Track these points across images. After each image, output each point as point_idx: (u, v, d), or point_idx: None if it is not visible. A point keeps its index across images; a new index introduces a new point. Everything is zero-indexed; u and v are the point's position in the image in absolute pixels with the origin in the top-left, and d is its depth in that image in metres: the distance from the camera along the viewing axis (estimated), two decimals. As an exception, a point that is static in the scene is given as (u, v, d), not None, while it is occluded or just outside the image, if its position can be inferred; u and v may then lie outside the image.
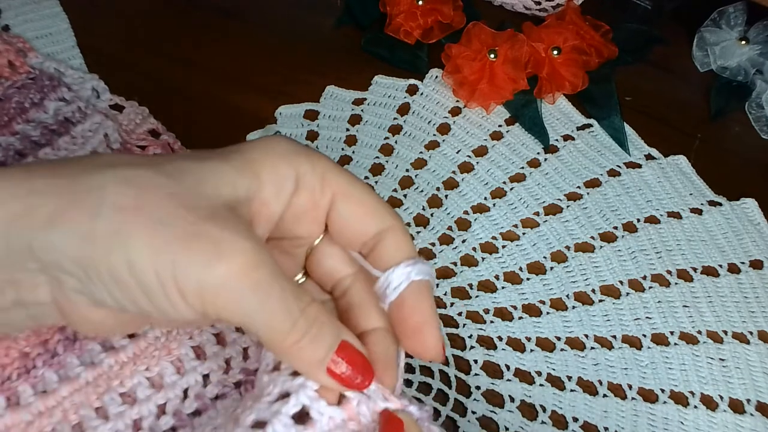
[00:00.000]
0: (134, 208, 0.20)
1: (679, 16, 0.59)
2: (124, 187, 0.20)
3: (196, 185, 0.21)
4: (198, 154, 0.23)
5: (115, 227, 0.20)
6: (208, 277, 0.20)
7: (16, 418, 0.28)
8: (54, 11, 0.51)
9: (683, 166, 0.48)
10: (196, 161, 0.22)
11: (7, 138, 0.40)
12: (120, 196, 0.20)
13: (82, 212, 0.20)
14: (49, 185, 0.21)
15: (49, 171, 0.21)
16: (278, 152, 0.24)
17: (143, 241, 0.20)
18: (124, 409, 0.30)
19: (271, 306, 0.21)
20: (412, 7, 0.51)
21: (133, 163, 0.22)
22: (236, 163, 0.23)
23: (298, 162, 0.24)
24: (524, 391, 0.37)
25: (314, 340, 0.22)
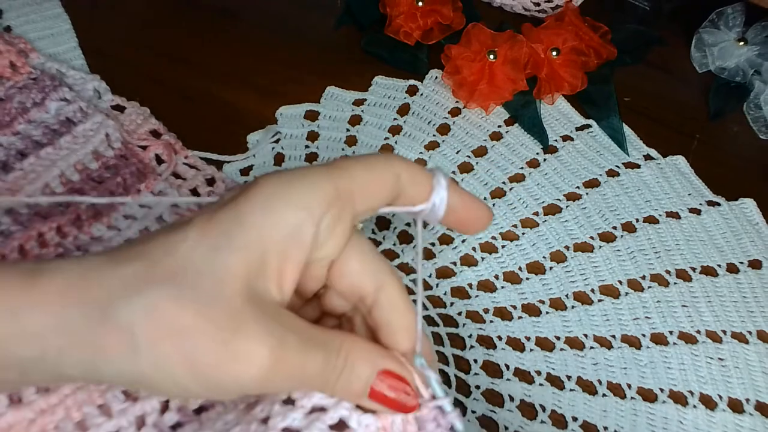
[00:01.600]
0: (167, 340, 0.22)
1: (677, 17, 0.59)
2: (152, 320, 0.22)
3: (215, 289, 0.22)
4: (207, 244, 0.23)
5: (154, 363, 0.22)
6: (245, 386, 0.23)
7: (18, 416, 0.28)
8: (55, 12, 0.51)
9: (682, 167, 0.48)
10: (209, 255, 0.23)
11: (8, 138, 0.40)
12: (150, 330, 0.22)
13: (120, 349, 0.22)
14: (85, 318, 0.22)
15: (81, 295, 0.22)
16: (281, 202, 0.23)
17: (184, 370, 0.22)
18: (127, 406, 0.30)
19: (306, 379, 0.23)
20: (411, 8, 0.52)
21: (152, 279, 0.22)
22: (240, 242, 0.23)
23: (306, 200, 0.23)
24: (524, 391, 0.37)
25: (351, 375, 0.24)
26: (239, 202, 0.23)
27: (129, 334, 0.22)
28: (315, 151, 0.46)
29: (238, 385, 0.22)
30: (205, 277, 0.22)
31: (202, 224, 0.23)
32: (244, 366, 0.22)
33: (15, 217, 0.36)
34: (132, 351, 0.22)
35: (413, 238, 0.42)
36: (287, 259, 0.23)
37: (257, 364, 0.22)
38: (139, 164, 0.41)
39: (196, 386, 0.22)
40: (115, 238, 0.37)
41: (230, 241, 0.23)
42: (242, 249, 0.23)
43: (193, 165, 0.43)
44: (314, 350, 0.23)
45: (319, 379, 0.23)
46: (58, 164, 0.39)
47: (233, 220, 0.23)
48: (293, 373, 0.23)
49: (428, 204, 0.26)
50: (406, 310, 0.26)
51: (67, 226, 0.37)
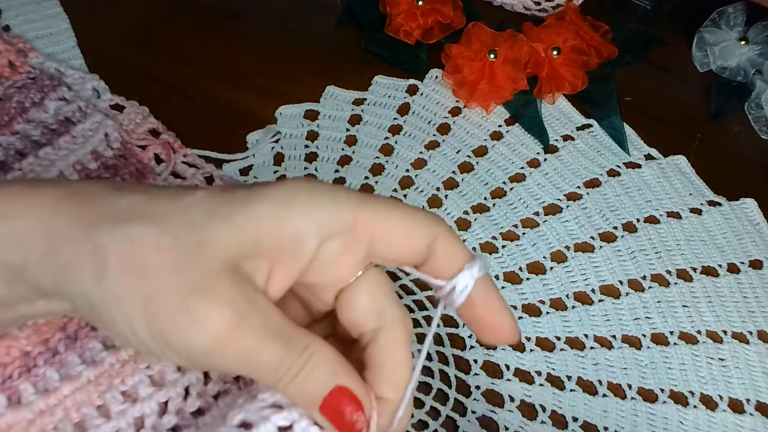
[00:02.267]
0: (134, 275, 0.22)
1: (678, 16, 0.59)
2: (127, 251, 0.22)
3: (198, 247, 0.22)
4: (209, 206, 0.23)
5: (116, 294, 0.22)
6: (193, 347, 0.22)
7: (17, 417, 0.28)
8: (54, 11, 0.51)
9: (683, 166, 0.48)
10: (205, 216, 0.23)
11: (7, 137, 0.40)
12: (122, 260, 0.22)
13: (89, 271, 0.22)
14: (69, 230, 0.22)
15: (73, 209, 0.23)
16: (297, 206, 0.23)
17: (139, 310, 0.22)
18: (126, 408, 0.30)
19: (258, 365, 0.23)
20: (412, 8, 0.52)
21: (145, 215, 0.23)
22: (240, 221, 0.23)
23: (320, 217, 0.23)
24: (524, 391, 0.37)
25: (307, 378, 0.23)
26: (256, 190, 0.23)
27: (101, 257, 0.22)
28: (315, 151, 0.46)
29: (186, 345, 0.22)
30: (193, 231, 0.22)
31: (215, 191, 0.24)
32: (196, 326, 0.22)
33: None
34: (99, 275, 0.22)
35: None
36: (282, 262, 0.23)
37: (210, 329, 0.22)
38: (138, 164, 0.41)
39: (145, 333, 0.22)
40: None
41: (230, 217, 0.23)
42: (239, 229, 0.23)
43: (192, 164, 0.43)
44: (276, 340, 0.22)
45: (272, 371, 0.23)
46: (57, 164, 0.39)
47: (242, 202, 0.23)
48: (246, 354, 0.22)
49: (449, 283, 0.24)
50: (400, 362, 0.24)
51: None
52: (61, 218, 0.23)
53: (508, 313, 0.25)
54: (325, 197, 0.23)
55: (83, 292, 0.22)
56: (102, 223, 0.22)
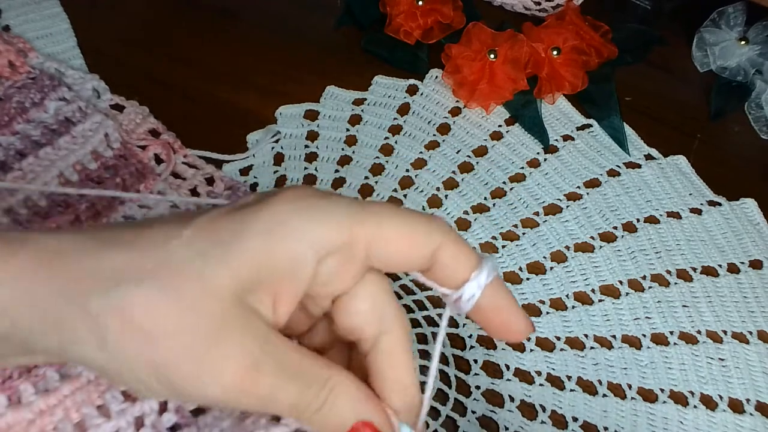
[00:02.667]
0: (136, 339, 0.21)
1: (678, 16, 0.59)
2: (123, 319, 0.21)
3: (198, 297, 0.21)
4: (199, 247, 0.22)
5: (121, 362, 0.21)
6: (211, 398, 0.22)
7: (17, 417, 0.28)
8: (54, 11, 0.50)
9: (683, 166, 0.48)
10: (198, 259, 0.21)
11: (7, 138, 0.40)
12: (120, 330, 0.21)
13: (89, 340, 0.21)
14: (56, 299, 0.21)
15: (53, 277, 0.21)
16: (289, 231, 0.22)
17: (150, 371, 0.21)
18: (126, 407, 0.30)
19: (279, 404, 0.22)
20: (412, 8, 0.52)
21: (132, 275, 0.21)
22: (236, 258, 0.21)
23: (315, 237, 0.22)
24: (524, 391, 0.37)
25: (330, 412, 0.23)
26: (246, 216, 0.22)
27: (98, 325, 0.21)
28: (315, 151, 0.46)
29: (202, 397, 0.22)
30: (188, 280, 0.21)
31: (201, 226, 0.22)
32: (209, 381, 0.21)
33: (14, 216, 0.36)
34: (99, 342, 0.21)
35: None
36: (283, 288, 0.22)
37: (225, 382, 0.21)
38: (138, 164, 0.41)
39: (159, 387, 0.22)
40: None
41: (225, 254, 0.21)
42: (235, 266, 0.21)
43: (192, 164, 0.43)
44: (292, 380, 0.22)
45: (290, 408, 0.22)
46: (57, 164, 0.39)
47: (234, 234, 0.22)
48: (263, 397, 0.22)
49: (456, 293, 0.23)
50: (403, 365, 0.24)
51: (65, 226, 0.37)
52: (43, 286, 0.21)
53: (520, 312, 0.25)
54: (316, 216, 0.22)
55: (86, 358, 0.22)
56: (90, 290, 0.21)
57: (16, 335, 0.22)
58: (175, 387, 0.21)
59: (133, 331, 0.21)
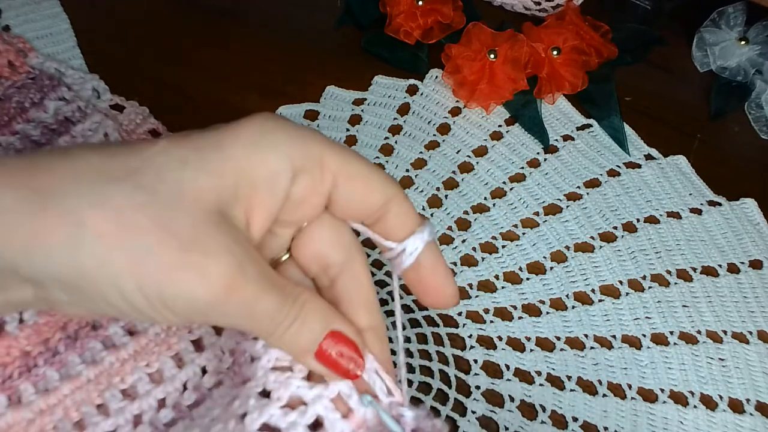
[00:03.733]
0: (115, 235, 0.20)
1: (678, 16, 0.59)
2: (102, 211, 0.20)
3: (178, 200, 0.21)
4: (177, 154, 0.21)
5: (99, 259, 0.20)
6: (193, 302, 0.21)
7: (17, 417, 0.28)
8: (54, 11, 0.51)
9: (683, 166, 0.48)
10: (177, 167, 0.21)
11: (7, 138, 0.40)
12: (99, 222, 0.20)
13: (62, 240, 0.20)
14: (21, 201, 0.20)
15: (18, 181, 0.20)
16: (269, 144, 0.22)
17: (130, 273, 0.20)
18: (125, 405, 0.30)
19: (256, 316, 0.22)
20: (412, 8, 0.52)
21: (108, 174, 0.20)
22: (216, 166, 0.21)
23: (291, 152, 0.22)
24: (524, 391, 0.37)
25: (302, 327, 0.23)
26: (222, 131, 0.22)
27: (74, 222, 0.20)
28: (315, 151, 0.46)
29: (186, 301, 0.21)
30: (167, 182, 0.21)
31: (176, 138, 0.22)
32: (197, 279, 0.20)
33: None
34: (75, 241, 0.20)
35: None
36: (259, 203, 0.22)
37: (212, 281, 0.20)
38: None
39: (138, 295, 0.20)
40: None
41: (203, 162, 0.21)
42: (215, 174, 0.21)
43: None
44: (271, 289, 0.22)
45: (268, 321, 0.22)
46: (57, 164, 0.39)
47: (212, 145, 0.22)
48: (245, 304, 0.21)
49: (399, 246, 0.25)
50: (369, 287, 0.25)
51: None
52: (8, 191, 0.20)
53: (452, 279, 0.26)
54: (295, 133, 0.23)
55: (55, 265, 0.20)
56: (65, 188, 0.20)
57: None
58: (158, 290, 0.20)
59: (112, 227, 0.20)
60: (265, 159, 0.22)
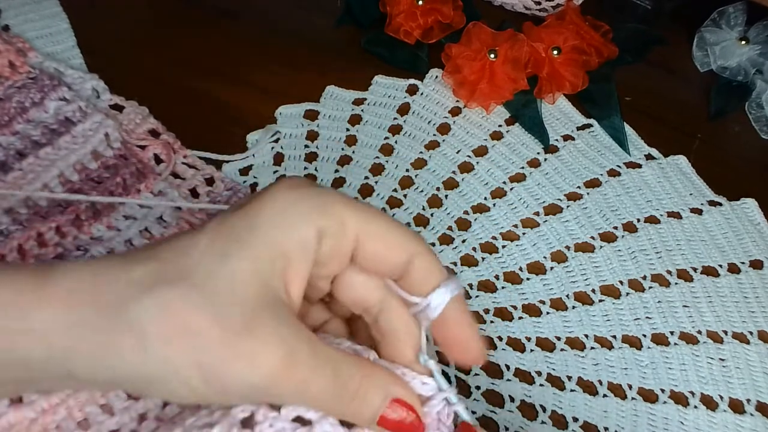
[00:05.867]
0: (177, 338, 0.22)
1: (679, 16, 0.59)
2: (163, 318, 0.22)
3: (227, 291, 0.22)
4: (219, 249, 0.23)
5: (164, 360, 0.22)
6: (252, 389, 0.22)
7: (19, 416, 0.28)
8: (54, 11, 0.50)
9: (683, 166, 0.48)
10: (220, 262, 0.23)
11: (7, 137, 0.40)
12: (161, 328, 0.22)
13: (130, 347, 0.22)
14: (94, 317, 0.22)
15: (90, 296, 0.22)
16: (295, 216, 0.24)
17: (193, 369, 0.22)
18: (130, 404, 0.30)
19: (314, 396, 0.23)
20: (412, 7, 0.51)
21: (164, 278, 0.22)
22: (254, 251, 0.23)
23: (315, 218, 0.24)
24: (524, 391, 0.37)
25: (362, 403, 0.24)
26: (252, 208, 0.24)
27: (139, 332, 0.22)
28: (315, 151, 0.46)
29: (245, 386, 0.22)
30: (217, 279, 0.22)
31: (214, 229, 0.24)
32: (251, 367, 0.22)
33: (14, 216, 0.36)
34: (141, 350, 0.22)
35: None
36: (295, 269, 0.24)
37: (266, 366, 0.22)
38: (138, 164, 0.41)
39: (203, 386, 0.22)
40: (115, 238, 0.37)
41: (241, 249, 0.23)
42: (253, 257, 0.23)
43: (192, 164, 0.43)
44: (325, 370, 0.23)
45: (327, 398, 0.23)
46: (57, 164, 0.39)
47: (245, 228, 0.23)
48: (299, 385, 0.23)
49: (424, 300, 0.25)
50: (411, 320, 0.26)
51: (66, 226, 0.37)
52: (82, 309, 0.22)
53: (478, 337, 0.26)
54: (317, 199, 0.24)
55: (128, 372, 0.22)
56: (126, 300, 0.22)
57: (53, 358, 0.22)
58: (217, 379, 0.22)
59: (172, 330, 0.22)
60: (294, 230, 0.24)
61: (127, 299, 0.22)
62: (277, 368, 0.22)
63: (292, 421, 0.24)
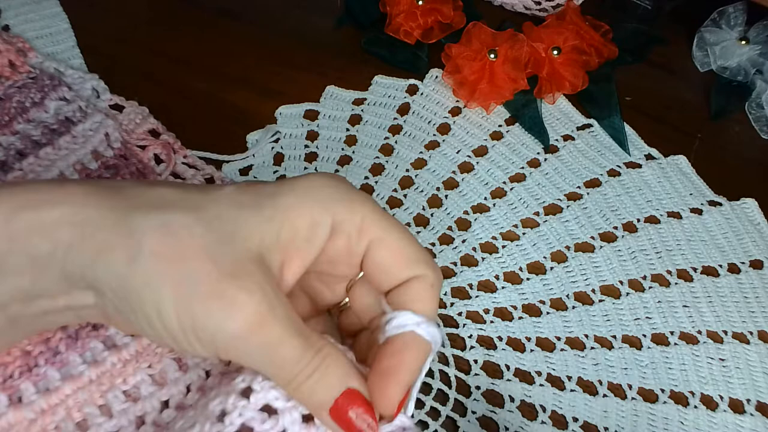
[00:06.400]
0: (167, 259, 0.22)
1: (679, 16, 0.59)
2: (162, 235, 0.23)
3: (229, 237, 0.23)
4: (239, 199, 0.24)
5: (148, 276, 0.22)
6: (221, 333, 0.22)
7: (18, 416, 0.28)
8: (54, 11, 0.51)
9: (683, 166, 0.48)
10: (235, 208, 0.24)
11: (8, 137, 0.40)
12: (156, 244, 0.22)
13: (122, 253, 0.22)
14: (101, 218, 0.23)
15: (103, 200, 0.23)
16: (317, 198, 0.24)
17: (170, 294, 0.22)
18: (128, 406, 0.30)
19: (277, 359, 0.23)
20: (412, 7, 0.51)
21: (178, 205, 0.23)
22: (268, 212, 0.24)
23: (336, 209, 0.24)
24: (524, 391, 0.37)
25: (320, 380, 0.23)
26: (282, 183, 0.25)
27: (135, 241, 0.22)
28: (315, 151, 0.46)
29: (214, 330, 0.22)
30: (223, 221, 0.23)
31: (242, 186, 0.25)
32: (228, 310, 0.22)
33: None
34: (131, 258, 0.22)
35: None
36: (296, 251, 0.24)
37: (242, 314, 0.22)
38: (139, 164, 0.41)
39: (172, 317, 0.22)
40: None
41: (257, 208, 0.24)
42: (265, 219, 0.24)
43: (192, 164, 0.43)
44: (297, 336, 0.23)
45: (289, 367, 0.23)
46: (57, 164, 0.39)
47: (269, 194, 0.24)
48: (268, 345, 0.23)
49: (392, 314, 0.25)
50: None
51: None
52: (92, 208, 0.23)
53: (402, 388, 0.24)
54: (344, 194, 0.25)
55: (112, 275, 0.23)
56: (135, 209, 0.23)
57: (55, 255, 0.23)
58: (192, 315, 0.22)
59: (165, 250, 0.22)
60: (309, 210, 0.24)
61: (135, 209, 0.23)
62: (252, 321, 0.22)
63: (259, 410, 0.24)
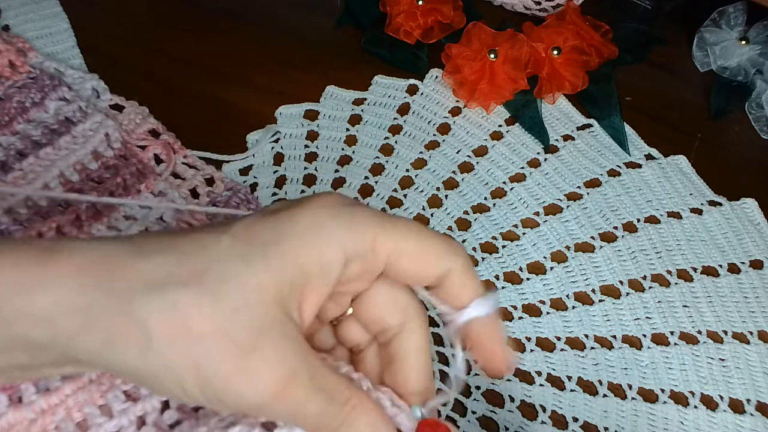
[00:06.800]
0: (181, 343, 0.21)
1: (679, 16, 0.59)
2: (169, 318, 0.21)
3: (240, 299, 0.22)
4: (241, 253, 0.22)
5: (164, 362, 0.22)
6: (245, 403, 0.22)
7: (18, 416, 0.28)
8: (54, 11, 0.51)
9: (683, 166, 0.48)
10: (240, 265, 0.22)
11: (8, 137, 0.40)
12: (165, 329, 0.21)
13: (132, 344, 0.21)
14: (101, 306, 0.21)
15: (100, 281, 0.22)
16: (323, 235, 0.23)
17: (191, 375, 0.22)
18: (128, 406, 0.30)
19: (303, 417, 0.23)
20: (412, 7, 0.51)
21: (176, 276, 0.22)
22: (275, 263, 0.22)
23: (345, 240, 0.23)
24: (524, 391, 0.37)
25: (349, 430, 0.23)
26: (282, 221, 0.23)
27: (143, 329, 0.21)
28: (315, 151, 0.46)
29: (240, 402, 0.22)
30: (231, 285, 0.22)
31: (238, 233, 0.23)
32: (251, 385, 0.22)
33: (14, 216, 0.36)
34: (143, 347, 0.21)
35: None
36: (311, 290, 0.23)
37: (264, 387, 0.22)
38: (139, 164, 0.41)
39: (199, 393, 0.22)
40: (115, 238, 0.37)
41: (264, 259, 0.22)
42: (275, 270, 0.22)
43: (192, 165, 0.43)
44: (321, 393, 0.23)
45: (318, 421, 0.23)
46: (57, 164, 0.39)
47: (271, 240, 0.23)
48: (294, 406, 0.22)
49: (458, 315, 0.25)
50: (423, 350, 0.25)
51: (66, 226, 0.37)
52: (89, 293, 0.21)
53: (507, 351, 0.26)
54: (346, 222, 0.23)
55: (126, 364, 0.22)
56: (134, 293, 0.22)
57: (56, 342, 0.22)
58: (215, 390, 0.22)
59: (176, 334, 0.21)
60: (320, 252, 0.23)
61: (135, 291, 0.21)
62: (275, 389, 0.22)
63: None
